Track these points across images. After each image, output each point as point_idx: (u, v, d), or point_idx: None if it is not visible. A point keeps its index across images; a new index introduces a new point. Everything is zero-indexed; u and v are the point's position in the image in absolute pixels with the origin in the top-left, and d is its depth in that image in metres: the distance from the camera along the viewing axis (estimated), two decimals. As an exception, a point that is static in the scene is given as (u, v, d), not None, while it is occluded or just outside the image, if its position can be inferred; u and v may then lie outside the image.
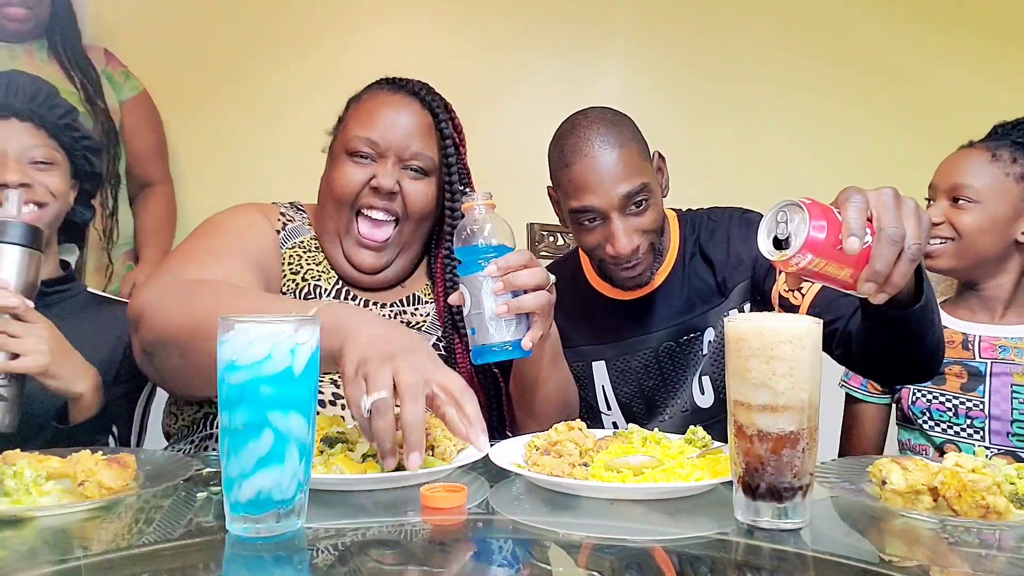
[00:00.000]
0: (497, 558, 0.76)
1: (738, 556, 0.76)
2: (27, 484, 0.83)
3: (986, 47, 2.57)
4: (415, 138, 1.34)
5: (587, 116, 1.38)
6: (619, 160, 1.32)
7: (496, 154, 2.53)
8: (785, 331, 0.79)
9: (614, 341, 1.49)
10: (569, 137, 1.36)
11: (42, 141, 1.35)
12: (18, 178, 1.30)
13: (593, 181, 1.31)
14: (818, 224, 0.86)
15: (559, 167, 1.37)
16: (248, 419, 0.75)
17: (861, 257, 0.88)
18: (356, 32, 2.55)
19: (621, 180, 1.31)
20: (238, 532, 0.75)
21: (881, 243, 0.87)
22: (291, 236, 1.38)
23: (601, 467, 0.93)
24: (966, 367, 1.48)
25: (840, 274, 0.89)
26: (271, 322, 0.76)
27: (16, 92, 1.34)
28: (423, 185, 1.35)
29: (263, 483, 0.74)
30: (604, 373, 1.50)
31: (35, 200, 1.33)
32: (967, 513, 0.80)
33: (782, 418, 0.78)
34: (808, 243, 0.86)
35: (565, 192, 1.36)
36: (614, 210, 1.32)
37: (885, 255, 0.87)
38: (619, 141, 1.33)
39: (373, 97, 1.38)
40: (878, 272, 0.88)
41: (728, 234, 1.47)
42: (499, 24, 2.58)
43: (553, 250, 1.99)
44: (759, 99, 2.57)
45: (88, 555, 0.74)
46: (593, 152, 1.32)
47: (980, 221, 1.44)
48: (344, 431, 1.00)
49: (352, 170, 1.32)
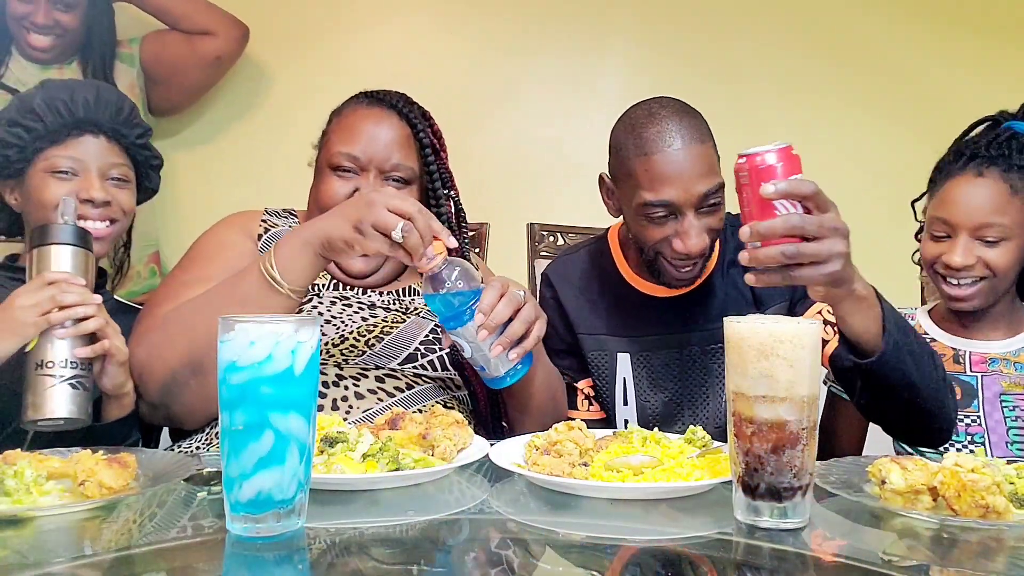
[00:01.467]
0: (497, 558, 0.76)
1: (738, 556, 0.76)
2: (27, 484, 0.83)
3: (986, 47, 2.56)
4: (395, 150, 1.39)
5: (666, 106, 1.31)
6: (703, 156, 1.27)
7: (496, 154, 2.54)
8: (784, 331, 0.79)
9: (640, 336, 1.46)
10: (650, 125, 1.28)
11: (122, 160, 1.37)
12: (102, 196, 1.32)
13: (674, 174, 1.25)
14: (780, 164, 0.96)
15: (634, 155, 1.28)
16: (248, 420, 0.75)
17: (763, 213, 0.97)
18: (355, 33, 2.55)
19: (703, 177, 1.26)
20: (238, 532, 0.75)
21: (789, 221, 0.96)
22: (273, 240, 1.41)
23: (601, 467, 0.94)
24: (959, 382, 1.46)
25: (751, 211, 0.98)
26: (271, 322, 0.77)
27: (104, 107, 1.35)
28: (406, 194, 1.37)
29: (263, 483, 0.75)
30: (628, 366, 1.46)
31: (110, 217, 1.35)
32: (967, 513, 0.80)
33: (782, 408, 0.78)
34: (758, 159, 0.96)
35: (637, 182, 1.28)
36: (690, 207, 1.27)
37: (778, 228, 0.96)
38: (702, 137, 1.29)
39: (352, 112, 1.43)
40: (764, 230, 0.96)
41: None
42: (498, 24, 2.58)
43: (553, 250, 1.99)
44: (759, 99, 2.56)
45: (88, 555, 0.74)
46: (678, 144, 1.26)
47: (1009, 255, 1.39)
48: (344, 431, 1.00)
49: (336, 184, 1.38)
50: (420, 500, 0.90)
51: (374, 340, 1.32)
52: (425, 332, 1.38)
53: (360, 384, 1.29)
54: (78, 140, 1.33)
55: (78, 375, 1.11)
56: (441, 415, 1.06)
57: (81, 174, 1.33)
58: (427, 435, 1.00)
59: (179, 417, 1.26)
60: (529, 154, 2.55)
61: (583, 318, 1.48)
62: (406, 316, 1.39)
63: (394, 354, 1.33)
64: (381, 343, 1.33)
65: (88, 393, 1.12)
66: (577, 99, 2.57)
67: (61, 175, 1.32)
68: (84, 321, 1.11)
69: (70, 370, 1.10)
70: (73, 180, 1.32)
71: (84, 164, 1.33)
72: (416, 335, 1.36)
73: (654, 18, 2.59)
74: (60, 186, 1.31)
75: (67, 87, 1.35)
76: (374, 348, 1.32)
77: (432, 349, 1.36)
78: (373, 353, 1.32)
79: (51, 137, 1.32)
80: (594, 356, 1.47)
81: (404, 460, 0.94)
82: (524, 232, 2.00)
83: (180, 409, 1.24)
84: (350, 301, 1.38)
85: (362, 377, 1.30)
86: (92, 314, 1.12)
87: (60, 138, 1.32)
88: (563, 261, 1.56)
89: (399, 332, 1.35)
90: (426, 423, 1.04)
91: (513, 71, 2.58)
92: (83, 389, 1.11)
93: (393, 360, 1.33)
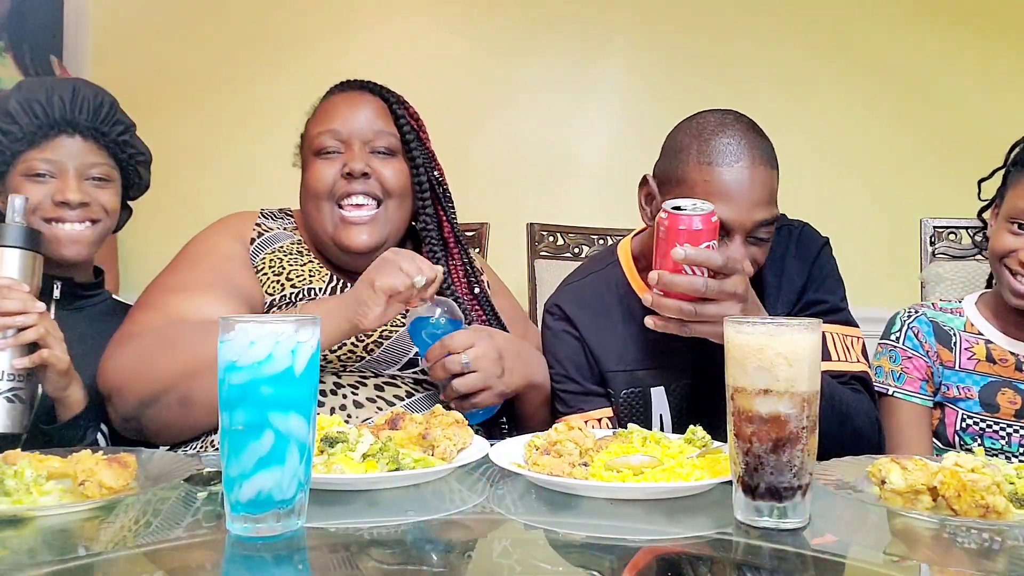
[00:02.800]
0: (497, 558, 0.76)
1: (738, 556, 0.76)
2: (27, 484, 0.83)
3: (987, 48, 2.56)
4: (375, 120, 1.40)
5: (740, 120, 1.22)
6: (768, 182, 1.18)
7: (496, 154, 2.54)
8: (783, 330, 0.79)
9: (673, 366, 1.32)
10: (719, 135, 1.18)
11: (102, 159, 1.36)
12: (78, 197, 1.31)
13: (736, 192, 1.15)
14: (700, 229, 1.06)
15: (696, 162, 1.18)
16: (248, 420, 0.75)
17: (674, 266, 1.07)
18: (355, 33, 2.55)
19: (764, 204, 1.17)
20: (238, 532, 0.75)
21: (693, 284, 1.05)
22: (268, 243, 1.40)
23: (601, 467, 0.94)
24: (1018, 391, 1.39)
25: (660, 261, 1.09)
26: (272, 322, 0.77)
27: (81, 106, 1.33)
28: (393, 163, 1.40)
29: (263, 483, 0.74)
30: (664, 400, 1.33)
31: (90, 218, 1.34)
32: (966, 513, 0.80)
33: (781, 402, 0.78)
34: (684, 226, 1.06)
35: (692, 191, 1.17)
36: (741, 232, 1.17)
37: (682, 286, 1.06)
38: (771, 162, 1.20)
39: (328, 100, 1.45)
40: (668, 283, 1.06)
41: (784, 255, 1.31)
42: (498, 25, 2.58)
43: (553, 250, 1.99)
44: (759, 100, 2.55)
45: (88, 555, 0.74)
46: (749, 163, 1.16)
47: None
48: (344, 431, 1.00)
49: (323, 165, 1.38)
50: (420, 500, 0.90)
51: (373, 345, 1.31)
52: None
53: (359, 392, 1.28)
54: (54, 141, 1.32)
55: (15, 387, 1.09)
56: (441, 415, 1.06)
57: (59, 176, 1.31)
58: (427, 435, 1.00)
59: (150, 434, 1.23)
60: (529, 154, 2.55)
61: (610, 352, 1.33)
62: (405, 319, 1.38)
63: (394, 359, 1.32)
64: (380, 348, 1.31)
65: (25, 405, 1.11)
66: (577, 99, 2.57)
67: (38, 178, 1.31)
68: (24, 331, 1.09)
69: (6, 382, 1.09)
70: (50, 182, 1.31)
71: (61, 165, 1.31)
72: None
73: (654, 18, 2.59)
74: (37, 189, 1.30)
75: (44, 86, 1.33)
76: (373, 353, 1.31)
77: None
78: (372, 359, 1.31)
79: (28, 139, 1.30)
80: (627, 395, 1.32)
81: (404, 460, 0.94)
82: (524, 232, 2.00)
83: (153, 428, 1.22)
84: None
85: (360, 385, 1.29)
86: (32, 323, 1.10)
87: (37, 140, 1.31)
88: (572, 289, 1.40)
89: (398, 336, 1.34)
90: (426, 423, 1.04)
91: (513, 71, 2.58)
92: (19, 402, 1.10)
93: (393, 366, 1.32)
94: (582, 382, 1.34)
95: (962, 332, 1.46)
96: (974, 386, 1.43)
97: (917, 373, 1.47)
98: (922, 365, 1.48)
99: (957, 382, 1.45)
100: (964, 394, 1.43)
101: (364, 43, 2.53)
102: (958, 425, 1.42)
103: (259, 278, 1.36)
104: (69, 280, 1.38)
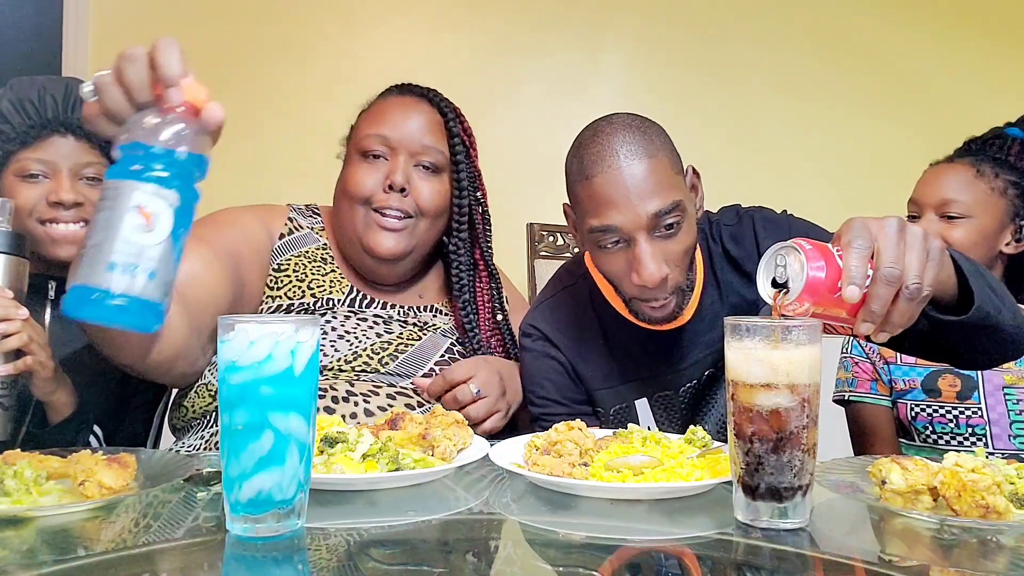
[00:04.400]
0: (497, 558, 0.76)
1: (738, 556, 0.76)
2: (27, 484, 0.83)
3: (985, 48, 2.57)
4: (426, 134, 1.37)
5: (611, 122, 1.18)
6: (648, 173, 1.12)
7: (495, 154, 2.53)
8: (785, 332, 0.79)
9: (655, 376, 1.31)
10: (590, 145, 1.16)
11: (95, 158, 1.35)
12: (72, 197, 1.30)
13: (617, 196, 1.12)
14: (816, 267, 0.84)
15: (577, 179, 1.17)
16: (248, 420, 0.75)
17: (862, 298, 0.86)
18: (355, 33, 2.55)
19: (651, 196, 1.12)
20: (238, 532, 0.75)
21: (877, 283, 0.84)
22: (296, 244, 1.39)
23: (601, 467, 0.93)
24: (958, 375, 1.50)
25: (840, 314, 0.88)
26: (271, 322, 0.77)
27: (74, 106, 1.32)
28: (435, 182, 1.38)
29: (263, 484, 0.74)
30: (648, 411, 1.32)
31: (85, 218, 1.32)
32: (967, 513, 0.80)
33: (781, 395, 0.78)
34: (807, 289, 0.84)
35: (583, 208, 1.17)
36: (640, 231, 1.12)
37: (881, 296, 0.84)
38: (648, 151, 1.14)
39: (383, 100, 1.42)
40: (874, 313, 0.85)
41: (756, 238, 1.28)
42: (498, 25, 2.58)
43: (553, 250, 1.99)
44: (757, 100, 2.57)
45: (88, 555, 0.73)
46: (618, 163, 1.13)
47: (971, 235, 1.49)
48: (344, 431, 1.00)
49: (365, 169, 1.35)
50: (420, 500, 0.90)
51: (388, 358, 1.30)
52: (441, 351, 1.36)
53: (371, 401, 1.26)
54: (47, 141, 1.31)
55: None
56: (441, 415, 1.06)
57: (52, 176, 1.30)
58: (427, 435, 1.00)
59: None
60: (529, 154, 2.55)
61: (595, 370, 1.31)
62: (422, 333, 1.36)
63: (409, 372, 1.31)
64: (395, 361, 1.30)
65: (8, 412, 1.10)
66: (577, 99, 2.58)
67: (31, 178, 1.30)
68: (7, 338, 1.08)
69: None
70: (44, 183, 1.30)
71: (54, 165, 1.31)
72: (431, 354, 1.34)
73: (653, 18, 2.59)
74: (31, 189, 1.29)
75: (36, 85, 1.33)
76: (388, 366, 1.30)
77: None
78: (387, 371, 1.29)
79: (20, 139, 1.30)
80: (616, 412, 1.31)
81: (404, 460, 0.94)
82: (524, 232, 2.00)
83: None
84: (365, 315, 1.35)
85: (372, 394, 1.27)
86: (16, 330, 1.09)
87: (29, 140, 1.30)
88: (546, 308, 1.36)
89: (414, 350, 1.33)
90: (426, 423, 1.04)
91: (513, 71, 2.59)
92: (2, 409, 1.09)
93: (407, 379, 1.31)
94: (567, 403, 1.32)
95: None
96: (917, 377, 1.55)
97: (865, 375, 1.62)
98: (868, 367, 1.61)
99: (902, 375, 1.57)
100: (909, 385, 1.56)
101: (365, 43, 2.53)
102: (909, 415, 1.54)
103: (279, 277, 1.34)
104: (64, 280, 1.37)
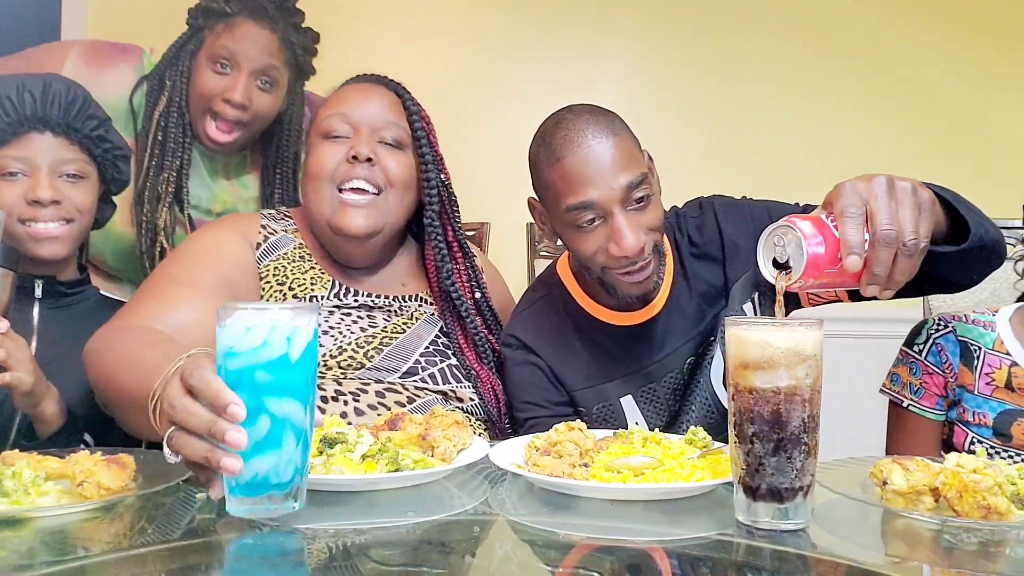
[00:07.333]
0: (497, 558, 0.76)
1: (739, 557, 0.76)
2: (26, 485, 0.83)
3: (984, 48, 2.57)
4: (386, 111, 1.39)
5: (571, 110, 1.25)
6: (616, 148, 1.19)
7: (495, 154, 2.53)
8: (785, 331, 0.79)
9: (635, 370, 1.34)
10: (556, 132, 1.22)
11: (75, 155, 1.34)
12: (50, 195, 1.30)
13: (590, 172, 1.17)
14: (815, 243, 0.87)
15: (547, 165, 1.22)
16: (245, 405, 0.75)
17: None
18: (355, 33, 2.54)
19: (621, 170, 1.18)
20: (236, 512, 0.77)
21: (876, 247, 0.87)
22: (273, 249, 1.38)
23: (601, 468, 0.93)
24: None
25: (843, 281, 0.91)
26: (268, 309, 0.77)
27: (52, 102, 1.31)
28: (400, 155, 1.38)
29: (260, 467, 0.75)
30: (634, 407, 1.35)
31: (63, 217, 1.32)
32: (968, 514, 0.80)
33: (779, 375, 0.77)
34: (809, 266, 0.87)
35: (556, 191, 1.21)
36: (616, 203, 1.18)
37: (882, 258, 0.87)
38: (612, 129, 1.21)
39: (341, 89, 1.44)
40: (877, 276, 0.88)
41: (717, 223, 1.35)
42: (498, 24, 2.58)
43: (553, 250, 1.99)
44: (759, 99, 2.56)
45: (86, 556, 0.73)
46: (587, 142, 1.18)
47: None
48: (343, 431, 1.00)
49: (328, 146, 1.36)
50: (420, 501, 0.90)
51: (373, 352, 1.30)
52: (425, 343, 1.36)
53: (360, 400, 1.26)
54: (25, 138, 1.30)
55: None
56: (441, 416, 1.06)
57: (31, 174, 1.30)
58: (427, 436, 1.00)
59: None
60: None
61: (574, 372, 1.35)
62: (407, 324, 1.36)
63: (394, 367, 1.31)
64: (380, 355, 1.30)
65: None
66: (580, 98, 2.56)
67: (10, 177, 1.30)
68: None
69: None
70: (22, 180, 1.30)
71: (33, 163, 1.30)
72: (416, 347, 1.34)
73: (654, 17, 2.59)
74: (10, 188, 1.29)
75: (14, 83, 1.32)
76: (373, 360, 1.29)
77: (433, 362, 1.34)
78: (372, 366, 1.29)
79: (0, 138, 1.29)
80: (599, 410, 1.34)
81: (403, 461, 0.94)
82: (524, 232, 2.00)
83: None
84: (349, 310, 1.35)
85: (362, 393, 1.27)
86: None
87: (7, 137, 1.30)
88: (524, 317, 1.41)
89: (398, 343, 1.33)
90: (426, 424, 1.04)
91: (513, 70, 2.58)
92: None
93: (393, 374, 1.30)
94: (548, 406, 1.35)
95: (988, 351, 1.36)
96: (990, 412, 1.34)
97: (935, 389, 1.40)
98: (940, 382, 1.40)
99: (974, 407, 1.36)
100: (979, 420, 1.35)
101: (365, 42, 2.53)
102: (966, 446, 1.34)
103: (262, 286, 1.34)
104: (51, 278, 1.37)
